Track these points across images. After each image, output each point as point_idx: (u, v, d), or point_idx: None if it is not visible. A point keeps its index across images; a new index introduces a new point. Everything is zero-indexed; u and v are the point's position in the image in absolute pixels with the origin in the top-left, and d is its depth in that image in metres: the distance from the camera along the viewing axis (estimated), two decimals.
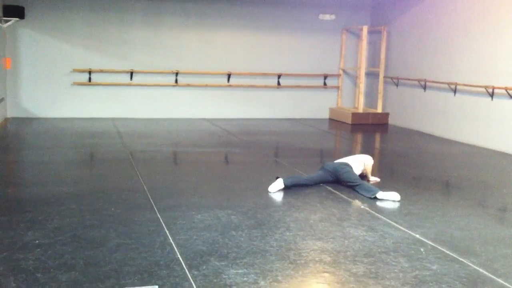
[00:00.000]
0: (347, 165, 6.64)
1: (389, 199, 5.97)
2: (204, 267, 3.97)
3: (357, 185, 6.32)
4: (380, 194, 6.01)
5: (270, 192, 6.26)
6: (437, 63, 11.36)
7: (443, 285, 3.79)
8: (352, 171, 6.57)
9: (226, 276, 3.82)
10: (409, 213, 5.57)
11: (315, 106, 13.92)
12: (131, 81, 12.69)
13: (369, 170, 6.95)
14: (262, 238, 4.65)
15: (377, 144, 10.87)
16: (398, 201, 5.93)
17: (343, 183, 6.59)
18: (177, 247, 4.35)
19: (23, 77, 12.12)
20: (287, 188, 6.37)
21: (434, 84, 11.44)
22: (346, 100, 14.17)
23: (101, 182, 6.63)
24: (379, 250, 4.45)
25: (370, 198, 6.03)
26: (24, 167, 7.73)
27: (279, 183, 6.36)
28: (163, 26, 12.76)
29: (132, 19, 12.58)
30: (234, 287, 3.66)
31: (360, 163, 6.87)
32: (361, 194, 6.17)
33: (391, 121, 13.12)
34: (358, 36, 13.73)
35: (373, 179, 6.91)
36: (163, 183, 6.68)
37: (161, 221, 5.03)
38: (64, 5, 12.16)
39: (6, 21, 11.35)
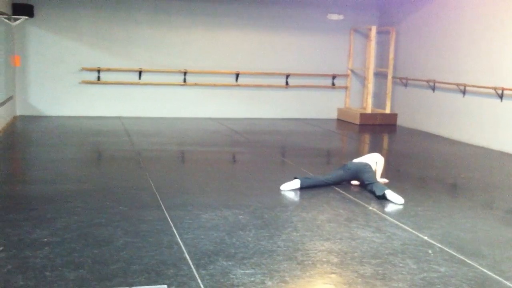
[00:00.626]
0: (369, 166, 6.65)
1: (394, 201, 5.96)
2: (212, 266, 3.97)
3: (371, 183, 6.32)
4: (388, 193, 6.01)
5: (281, 191, 6.26)
6: (446, 64, 11.32)
7: (451, 287, 3.78)
8: (373, 171, 6.60)
9: (234, 276, 3.82)
10: (416, 214, 5.55)
11: (323, 106, 13.90)
12: (139, 80, 12.73)
13: (379, 169, 6.94)
14: (269, 238, 4.65)
15: (385, 145, 10.84)
16: (401, 204, 5.91)
17: (359, 180, 6.61)
18: (184, 246, 4.35)
19: (32, 75, 12.17)
20: (299, 189, 6.36)
21: (443, 85, 11.39)
22: (354, 100, 14.14)
23: (108, 180, 6.65)
24: (386, 251, 4.44)
25: (379, 196, 6.02)
26: (32, 165, 7.76)
27: (295, 183, 6.35)
28: (171, 25, 12.78)
29: (141, 18, 12.60)
30: (241, 287, 3.66)
31: (373, 162, 6.88)
32: (372, 192, 6.16)
33: (399, 122, 13.08)
34: (366, 36, 13.70)
35: (382, 180, 6.88)
36: (170, 181, 6.70)
37: (169, 219, 5.04)
38: (72, 4, 12.20)
39: (16, 20, 11.40)
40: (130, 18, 12.55)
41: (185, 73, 12.93)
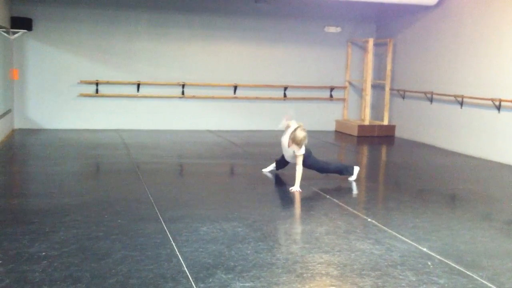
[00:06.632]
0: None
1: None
2: (211, 280, 3.96)
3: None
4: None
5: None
6: (444, 75, 11.35)
7: None
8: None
9: None
10: (415, 226, 5.54)
11: (321, 118, 13.92)
12: (137, 93, 12.74)
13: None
14: (268, 250, 4.63)
15: (383, 157, 10.85)
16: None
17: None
18: (183, 259, 4.34)
19: (30, 89, 12.18)
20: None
21: (441, 97, 11.42)
22: (352, 112, 14.16)
23: (107, 193, 6.64)
24: (386, 263, 4.43)
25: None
26: (30, 178, 7.75)
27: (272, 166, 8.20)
28: (169, 38, 12.82)
29: (139, 31, 12.64)
30: None
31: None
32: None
33: (397, 133, 13.10)
34: (364, 48, 13.75)
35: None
36: (169, 194, 6.69)
37: (167, 232, 5.03)
38: (71, 17, 12.24)
39: (14, 33, 11.43)
40: (128, 31, 12.59)
41: (183, 86, 12.95)
